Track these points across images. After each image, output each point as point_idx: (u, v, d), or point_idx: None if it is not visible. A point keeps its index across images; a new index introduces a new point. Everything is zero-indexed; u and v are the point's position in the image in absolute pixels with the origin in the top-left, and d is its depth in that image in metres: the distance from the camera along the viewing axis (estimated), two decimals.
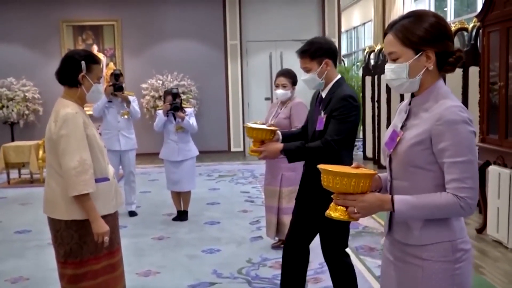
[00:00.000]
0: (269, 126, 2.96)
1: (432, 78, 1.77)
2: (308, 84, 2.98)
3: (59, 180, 2.57)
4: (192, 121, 5.59)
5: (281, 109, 4.49)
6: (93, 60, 2.65)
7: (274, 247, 4.65)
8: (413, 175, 1.76)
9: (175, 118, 5.54)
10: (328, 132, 2.79)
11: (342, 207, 1.75)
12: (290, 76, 4.45)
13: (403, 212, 1.70)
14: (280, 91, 4.44)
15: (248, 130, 2.87)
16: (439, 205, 1.67)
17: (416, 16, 1.76)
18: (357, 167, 1.79)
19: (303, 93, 9.34)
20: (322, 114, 2.87)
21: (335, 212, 1.76)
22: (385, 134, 1.90)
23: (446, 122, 1.67)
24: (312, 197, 2.95)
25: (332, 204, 1.78)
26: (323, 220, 2.92)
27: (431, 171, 1.73)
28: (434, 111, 1.72)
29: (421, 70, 1.75)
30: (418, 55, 1.74)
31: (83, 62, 2.59)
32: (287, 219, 4.50)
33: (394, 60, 1.78)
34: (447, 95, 1.75)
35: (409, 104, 1.84)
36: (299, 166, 4.53)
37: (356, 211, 1.72)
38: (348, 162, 2.87)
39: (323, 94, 2.95)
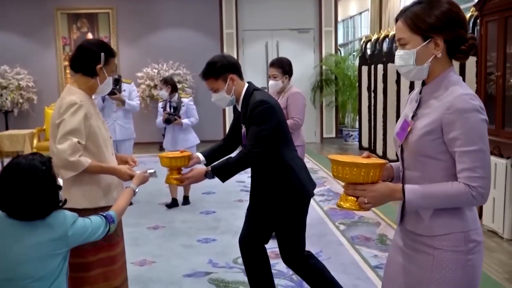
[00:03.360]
0: (181, 152, 2.95)
1: (442, 66, 1.75)
2: (220, 103, 3.01)
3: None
4: (192, 115, 5.79)
5: (277, 99, 4.45)
6: (111, 54, 2.66)
7: None
8: (424, 165, 1.73)
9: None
10: (247, 141, 2.84)
11: (352, 198, 1.73)
12: (280, 66, 4.40)
13: (413, 201, 1.68)
14: (271, 82, 4.42)
15: (162, 160, 2.86)
16: (450, 195, 1.65)
17: (427, 3, 1.72)
18: (368, 157, 1.77)
19: (299, 82, 9.33)
20: (243, 127, 2.92)
21: (345, 202, 1.74)
22: (396, 124, 1.87)
23: (457, 111, 1.64)
24: (264, 201, 2.99)
25: (342, 195, 1.76)
26: (275, 222, 2.96)
27: (442, 160, 1.70)
28: (444, 100, 1.69)
29: (429, 58, 1.73)
30: (426, 42, 1.71)
31: (102, 54, 2.60)
32: None
33: (403, 47, 1.76)
34: (458, 83, 1.72)
35: (420, 92, 1.81)
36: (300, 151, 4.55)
37: (366, 201, 1.70)
38: (290, 155, 2.91)
39: (239, 108, 2.99)
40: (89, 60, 2.59)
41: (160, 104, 5.93)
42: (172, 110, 5.76)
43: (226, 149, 3.14)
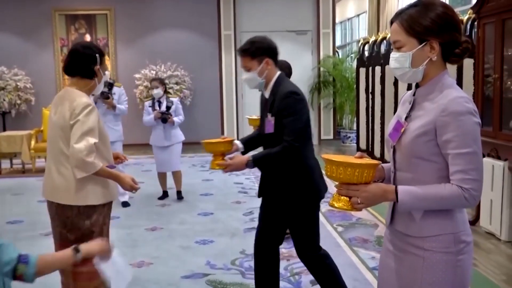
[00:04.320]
0: (223, 138, 3.00)
1: (437, 68, 1.76)
2: (249, 84, 3.00)
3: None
4: (179, 113, 6.14)
5: None
6: (103, 53, 2.82)
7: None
8: (417, 167, 1.74)
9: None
10: (286, 134, 2.80)
11: (345, 198, 1.73)
12: (281, 69, 4.35)
13: (406, 202, 1.68)
14: None
15: (206, 146, 2.93)
16: (443, 196, 1.66)
17: (423, 5, 1.73)
18: (361, 157, 1.78)
19: (297, 84, 9.24)
20: (269, 116, 2.90)
21: (338, 202, 1.75)
22: (389, 125, 1.88)
23: (451, 113, 1.65)
24: (274, 197, 2.98)
25: (335, 194, 1.77)
26: (289, 219, 2.95)
27: (435, 162, 1.71)
28: (438, 102, 1.70)
29: (425, 60, 1.74)
30: (421, 45, 1.72)
31: (97, 55, 2.74)
32: None
33: (399, 49, 1.77)
34: (452, 86, 1.74)
35: (414, 94, 1.82)
36: None
37: (359, 201, 1.71)
38: (310, 152, 2.93)
39: (266, 95, 2.98)
40: (88, 63, 2.71)
41: (148, 103, 6.20)
42: (165, 109, 6.04)
43: (261, 139, 3.14)
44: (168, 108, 6.05)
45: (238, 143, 3.04)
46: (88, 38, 10.64)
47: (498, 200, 4.52)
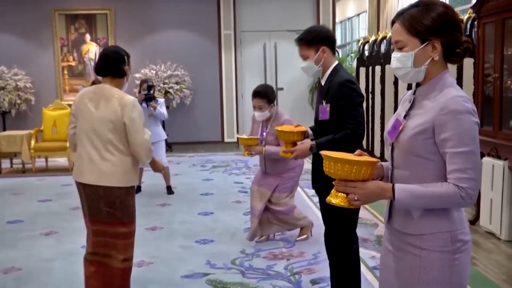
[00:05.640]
0: (296, 126, 3.09)
1: (438, 68, 1.76)
2: (306, 72, 3.05)
3: (121, 155, 3.08)
4: (163, 110, 6.43)
5: (266, 127, 4.38)
6: (129, 55, 3.26)
7: (258, 242, 4.58)
8: (414, 165, 1.75)
9: (148, 106, 6.24)
10: (347, 122, 2.83)
11: (342, 194, 1.74)
12: (264, 96, 4.28)
13: (403, 200, 1.69)
14: (257, 113, 4.32)
15: (279, 134, 3.08)
16: (440, 195, 1.66)
17: (424, 5, 1.74)
18: (360, 155, 1.78)
19: (297, 83, 9.31)
20: (324, 103, 2.91)
21: (335, 198, 1.76)
22: (388, 123, 1.89)
23: (450, 112, 1.66)
24: (327, 184, 2.94)
25: (333, 191, 1.77)
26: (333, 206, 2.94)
27: (433, 161, 1.72)
28: (438, 101, 1.71)
29: (427, 60, 1.74)
30: (424, 45, 1.73)
31: (125, 57, 3.19)
32: (270, 216, 4.50)
33: (400, 49, 1.77)
34: (452, 85, 1.74)
35: (414, 93, 1.83)
36: (297, 174, 4.52)
37: (356, 198, 1.71)
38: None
39: (322, 82, 3.00)
40: (119, 64, 3.16)
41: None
42: (147, 90, 6.29)
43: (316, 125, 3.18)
44: (149, 88, 6.29)
45: (308, 130, 3.10)
46: (88, 38, 10.64)
47: (498, 199, 4.52)
